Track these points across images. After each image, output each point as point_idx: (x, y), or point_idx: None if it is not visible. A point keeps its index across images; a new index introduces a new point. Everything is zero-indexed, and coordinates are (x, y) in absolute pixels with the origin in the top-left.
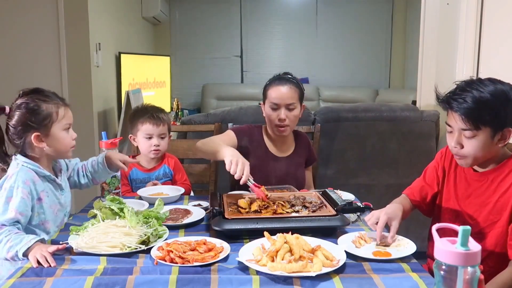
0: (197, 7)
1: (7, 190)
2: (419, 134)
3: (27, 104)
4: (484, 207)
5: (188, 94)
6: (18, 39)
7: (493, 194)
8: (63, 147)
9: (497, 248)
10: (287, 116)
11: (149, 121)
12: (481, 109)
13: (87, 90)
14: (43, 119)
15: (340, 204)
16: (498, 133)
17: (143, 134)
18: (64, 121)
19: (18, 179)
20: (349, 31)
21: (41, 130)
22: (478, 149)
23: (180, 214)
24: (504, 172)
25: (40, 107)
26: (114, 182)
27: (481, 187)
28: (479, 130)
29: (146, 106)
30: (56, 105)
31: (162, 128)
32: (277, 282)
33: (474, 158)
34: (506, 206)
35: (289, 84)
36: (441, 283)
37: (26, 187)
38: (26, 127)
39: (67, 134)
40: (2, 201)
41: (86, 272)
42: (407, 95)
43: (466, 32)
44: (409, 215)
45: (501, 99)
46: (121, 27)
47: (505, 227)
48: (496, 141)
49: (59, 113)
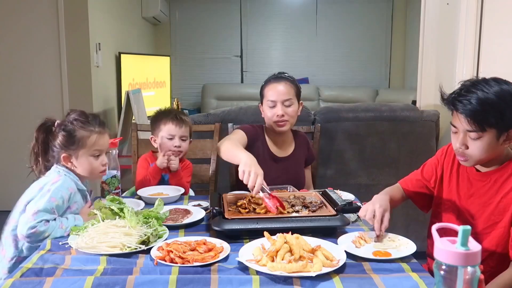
0: (197, 7)
1: (51, 191)
2: (419, 134)
3: (65, 126)
4: (487, 207)
5: (188, 94)
6: (18, 39)
7: (496, 194)
8: (89, 171)
9: (498, 249)
10: (285, 111)
11: (172, 122)
12: (486, 110)
13: (87, 90)
14: (73, 143)
15: (340, 204)
16: (503, 134)
17: (165, 134)
18: (93, 147)
19: (64, 184)
20: (349, 31)
21: (70, 152)
22: (483, 150)
23: (180, 214)
24: (507, 173)
25: (75, 131)
26: (114, 182)
27: (484, 187)
28: (485, 131)
29: (170, 108)
30: (90, 132)
31: (184, 130)
32: (277, 282)
33: (479, 159)
34: (508, 207)
35: (285, 81)
36: (441, 283)
37: (68, 193)
38: (59, 146)
39: (95, 160)
40: (45, 199)
41: (86, 272)
42: (407, 95)
43: (466, 32)
44: (409, 216)
45: (507, 100)
46: (121, 27)
47: (507, 228)
48: (501, 142)
49: (90, 140)
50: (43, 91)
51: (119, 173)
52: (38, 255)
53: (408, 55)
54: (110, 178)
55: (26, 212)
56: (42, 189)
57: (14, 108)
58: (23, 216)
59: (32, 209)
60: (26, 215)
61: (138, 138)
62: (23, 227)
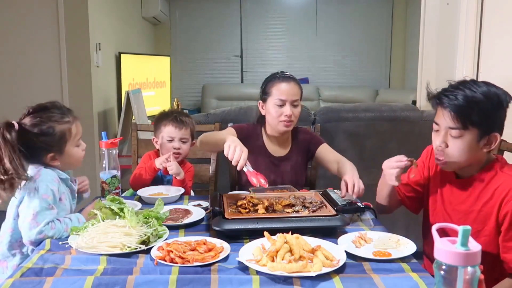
0: (197, 7)
1: (38, 189)
2: (419, 134)
3: (40, 127)
4: (468, 215)
5: (188, 94)
6: (18, 40)
7: (476, 202)
8: (74, 161)
9: (486, 258)
10: (292, 112)
11: (172, 124)
12: (471, 108)
13: (87, 90)
14: (58, 141)
15: (340, 204)
16: (484, 137)
17: (165, 136)
18: (77, 137)
19: (46, 177)
20: (349, 31)
21: (55, 150)
22: (462, 151)
23: (180, 214)
24: (485, 180)
25: (54, 129)
26: (114, 182)
27: (463, 195)
28: (467, 130)
29: (172, 110)
30: (68, 123)
31: (185, 132)
32: (277, 282)
33: (458, 160)
34: (490, 215)
35: (293, 81)
36: (441, 283)
37: (55, 184)
38: (42, 149)
39: (79, 148)
40: (37, 199)
41: (86, 272)
42: (407, 95)
43: (466, 32)
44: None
45: (493, 102)
46: (121, 27)
47: (491, 236)
48: (481, 145)
49: (72, 131)
50: (43, 91)
51: (119, 173)
52: (38, 255)
53: (408, 55)
54: (110, 178)
55: (24, 218)
56: (26, 191)
57: (14, 108)
58: (23, 222)
59: (29, 213)
60: (26, 220)
61: (138, 138)
62: (29, 233)
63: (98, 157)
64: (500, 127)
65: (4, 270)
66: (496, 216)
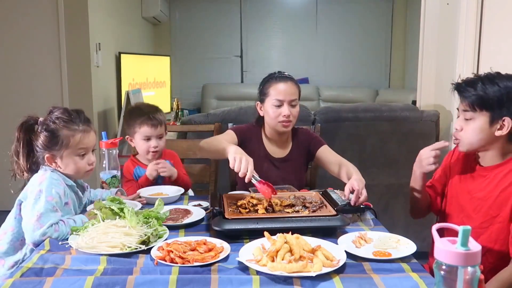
0: (197, 7)
1: (43, 191)
2: (419, 134)
3: (48, 126)
4: (485, 201)
5: (188, 94)
6: (18, 39)
7: (494, 189)
8: (74, 171)
9: (497, 245)
10: (291, 112)
11: (147, 124)
12: (485, 93)
13: (87, 90)
14: (56, 144)
15: (340, 204)
16: (496, 120)
17: (141, 136)
18: (78, 146)
19: (52, 180)
20: (349, 31)
21: (54, 152)
22: (473, 133)
23: (180, 214)
24: (507, 168)
25: (58, 131)
26: (114, 182)
27: (484, 182)
28: (476, 112)
29: (141, 107)
30: (73, 131)
31: (160, 129)
32: (277, 282)
33: (469, 142)
34: (506, 202)
35: (290, 81)
36: (441, 283)
37: (61, 188)
38: (42, 146)
39: (81, 159)
40: (42, 201)
41: (86, 272)
42: (407, 95)
43: (466, 32)
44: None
45: (506, 89)
46: (121, 27)
47: (505, 223)
48: (494, 130)
49: (74, 139)
50: (43, 91)
51: (119, 173)
52: (38, 255)
53: (408, 55)
54: (110, 178)
55: (28, 219)
56: (32, 192)
57: (14, 108)
58: (27, 224)
59: (34, 215)
60: (30, 222)
61: None
62: (33, 234)
63: (98, 157)
64: None
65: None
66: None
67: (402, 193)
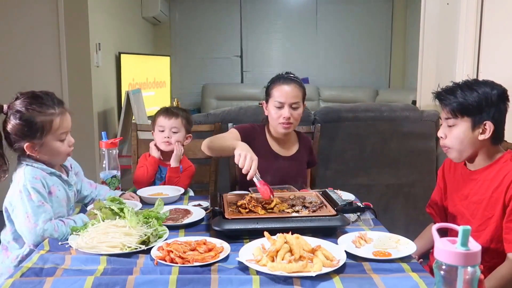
0: (197, 7)
1: (22, 191)
2: (419, 134)
3: (22, 114)
4: (479, 204)
5: (188, 94)
6: (18, 39)
7: (487, 190)
8: (56, 156)
9: (493, 243)
10: (291, 114)
11: (162, 115)
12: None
13: (87, 90)
14: (36, 131)
15: (340, 204)
16: (478, 125)
17: (157, 127)
18: (59, 131)
19: (27, 176)
20: (349, 31)
21: (34, 140)
22: (458, 138)
23: (180, 214)
24: (495, 169)
25: (35, 119)
26: (114, 182)
27: (476, 185)
28: (458, 119)
29: (171, 106)
30: (51, 115)
31: (174, 122)
32: (277, 282)
33: (456, 148)
34: (498, 201)
35: (294, 84)
36: (441, 283)
37: (38, 182)
38: (20, 136)
39: (62, 143)
40: (25, 201)
41: (86, 272)
42: (407, 95)
43: (466, 32)
44: (409, 216)
45: (484, 94)
46: (121, 27)
47: (499, 221)
48: (477, 134)
49: (54, 124)
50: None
51: (119, 173)
52: (38, 255)
53: (408, 55)
54: (110, 178)
55: (20, 223)
56: (14, 194)
57: None
58: (21, 227)
59: (23, 217)
60: (23, 225)
61: (138, 138)
62: (29, 236)
63: (98, 157)
64: (496, 118)
65: (4, 260)
66: (503, 200)
67: (402, 193)
